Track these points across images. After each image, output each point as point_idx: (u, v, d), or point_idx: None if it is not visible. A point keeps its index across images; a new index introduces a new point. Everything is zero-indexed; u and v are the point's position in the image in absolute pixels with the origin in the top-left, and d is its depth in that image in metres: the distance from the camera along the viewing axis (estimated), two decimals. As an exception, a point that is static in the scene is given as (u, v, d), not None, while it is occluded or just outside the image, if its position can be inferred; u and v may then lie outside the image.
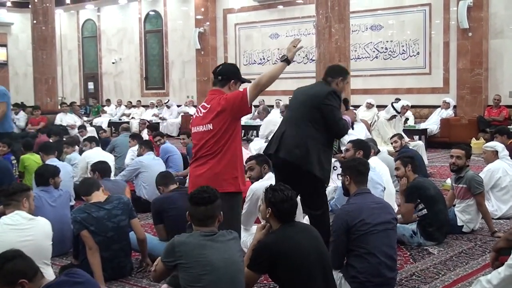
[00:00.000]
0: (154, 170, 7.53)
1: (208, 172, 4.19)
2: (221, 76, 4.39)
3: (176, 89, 20.54)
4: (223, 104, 4.20)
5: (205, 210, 3.39)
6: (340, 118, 4.73)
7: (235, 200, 4.29)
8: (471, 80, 13.70)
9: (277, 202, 3.67)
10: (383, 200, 4.59)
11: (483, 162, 7.36)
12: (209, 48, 18.97)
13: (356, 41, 15.55)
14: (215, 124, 4.20)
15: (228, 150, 4.21)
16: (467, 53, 13.74)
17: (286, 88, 17.23)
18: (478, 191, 6.04)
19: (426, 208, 5.66)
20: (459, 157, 6.21)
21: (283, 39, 17.56)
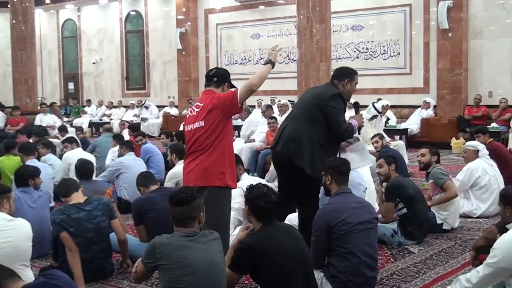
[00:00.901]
0: (135, 170, 7.47)
1: (197, 167, 4.34)
2: (217, 78, 4.61)
3: (157, 90, 20.46)
4: (215, 102, 4.38)
5: (183, 211, 3.38)
6: (342, 121, 4.74)
7: (223, 194, 4.38)
8: (451, 80, 13.81)
9: (252, 199, 3.70)
10: (364, 200, 4.61)
11: (463, 162, 7.41)
12: (190, 48, 18.92)
13: (337, 41, 15.61)
14: (206, 121, 4.38)
15: (218, 147, 4.34)
16: (447, 54, 13.85)
17: (267, 88, 17.23)
18: (442, 181, 6.15)
19: (406, 207, 5.69)
20: (423, 154, 6.41)
21: (265, 39, 17.57)
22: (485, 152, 7.07)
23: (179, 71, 19.21)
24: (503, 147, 8.85)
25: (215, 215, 4.32)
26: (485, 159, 7.04)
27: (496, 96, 13.55)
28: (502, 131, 12.29)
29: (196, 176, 4.35)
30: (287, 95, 16.17)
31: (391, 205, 5.77)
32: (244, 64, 18.12)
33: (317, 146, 4.75)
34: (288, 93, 16.27)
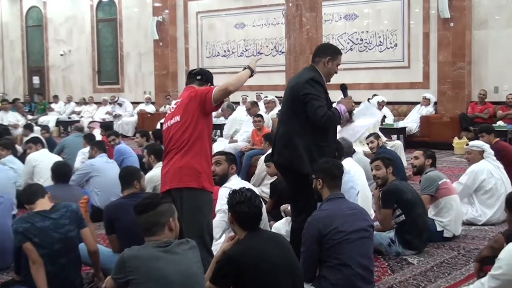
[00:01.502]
0: (107, 174, 7.47)
1: (173, 167, 4.42)
2: (201, 76, 4.71)
3: (132, 84, 20.38)
4: (192, 96, 4.48)
5: (148, 218, 3.40)
6: (318, 107, 4.66)
7: (199, 197, 4.40)
8: (453, 74, 13.88)
9: (235, 204, 3.70)
10: (358, 206, 4.61)
11: (467, 164, 7.44)
12: (168, 38, 18.87)
13: (329, 32, 15.63)
14: (182, 116, 4.47)
15: (194, 145, 4.40)
16: (448, 45, 13.92)
17: (252, 83, 17.20)
18: (423, 192, 6.16)
19: (404, 214, 5.70)
20: (417, 157, 6.46)
21: (250, 29, 17.56)
22: (490, 153, 7.10)
23: (156, 64, 19.14)
24: (511, 147, 8.89)
25: (190, 221, 4.34)
26: (491, 161, 7.08)
27: (502, 91, 13.64)
28: (510, 130, 12.32)
29: (171, 176, 4.43)
30: (274, 90, 16.15)
31: (388, 212, 5.78)
32: (227, 57, 18.10)
33: (311, 142, 4.74)
34: (275, 88, 16.24)
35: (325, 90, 4.85)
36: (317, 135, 4.76)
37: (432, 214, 6.23)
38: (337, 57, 4.95)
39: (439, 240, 6.11)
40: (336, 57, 4.94)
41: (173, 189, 4.42)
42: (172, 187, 4.42)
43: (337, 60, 4.95)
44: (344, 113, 4.84)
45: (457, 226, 6.25)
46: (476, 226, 6.85)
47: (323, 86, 4.81)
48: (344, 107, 4.85)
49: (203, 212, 4.48)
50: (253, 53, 17.50)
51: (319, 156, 4.70)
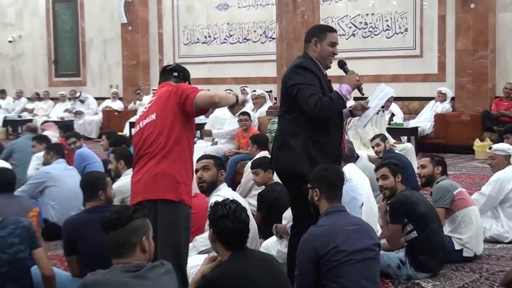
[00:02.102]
0: (66, 183, 7.43)
1: (146, 175, 4.40)
2: (177, 73, 4.73)
3: (96, 77, 20.32)
4: (172, 91, 4.47)
5: (116, 236, 3.33)
6: (308, 96, 4.68)
7: (176, 211, 4.41)
8: (474, 64, 13.94)
9: (217, 219, 3.71)
10: (362, 221, 4.62)
11: (490, 170, 7.45)
12: (138, 22, 18.84)
13: (327, 14, 15.65)
14: (159, 114, 4.46)
15: (172, 150, 4.40)
16: (468, 30, 13.98)
17: (237, 75, 17.30)
18: (436, 205, 6.17)
19: (416, 230, 5.70)
20: (423, 165, 6.49)
21: (234, 11, 17.56)
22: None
23: (124, 53, 19.12)
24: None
25: (165, 240, 4.34)
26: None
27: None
28: (541, 130, 12.40)
29: (144, 186, 4.42)
30: (264, 83, 16.17)
31: (397, 228, 5.78)
32: (208, 43, 18.09)
33: (307, 140, 4.77)
34: (265, 81, 16.26)
35: (319, 76, 4.85)
36: (314, 131, 4.78)
37: (448, 231, 6.22)
38: (324, 36, 4.94)
39: (458, 261, 6.11)
40: (323, 36, 4.94)
41: (145, 201, 4.40)
42: (145, 198, 4.40)
43: (327, 39, 4.94)
44: (348, 94, 4.83)
45: (478, 244, 6.26)
46: (502, 244, 6.85)
47: (314, 73, 4.82)
48: (346, 86, 4.85)
49: (180, 229, 4.47)
50: (239, 39, 17.51)
51: (319, 155, 4.73)
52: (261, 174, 6.90)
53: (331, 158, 4.82)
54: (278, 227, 5.97)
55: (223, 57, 17.65)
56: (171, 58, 18.59)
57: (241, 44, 17.53)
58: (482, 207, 6.81)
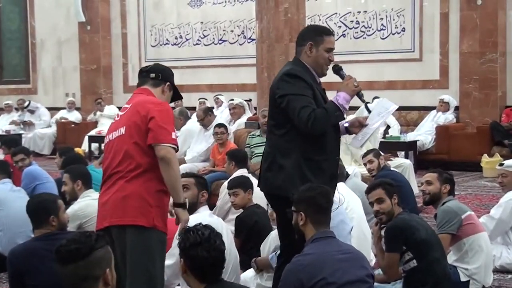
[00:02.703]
0: (13, 207, 7.37)
1: (114, 197, 4.42)
2: (155, 74, 4.82)
3: (49, 84, 20.24)
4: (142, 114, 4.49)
5: (76, 269, 3.28)
6: (301, 108, 4.66)
7: (148, 238, 4.41)
8: (481, 69, 14.01)
9: (188, 247, 3.71)
10: (353, 249, 4.62)
11: (501, 190, 7.47)
12: (98, 21, 18.84)
13: (314, 12, 15.73)
14: (128, 129, 4.49)
15: (146, 171, 4.43)
16: (475, 30, 14.07)
17: (212, 81, 17.30)
18: (442, 230, 6.14)
19: (416, 259, 5.70)
20: (429, 182, 6.39)
21: (209, 9, 17.59)
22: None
23: (82, 56, 19.10)
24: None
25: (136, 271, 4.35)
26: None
27: (548, 92, 13.85)
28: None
29: (111, 209, 4.44)
30: (242, 90, 16.21)
31: (394, 256, 5.76)
32: (179, 45, 18.11)
33: (300, 158, 4.76)
34: (243, 88, 16.30)
35: (312, 85, 4.82)
36: (308, 148, 4.78)
37: (453, 260, 6.21)
38: (322, 40, 4.94)
39: (464, 294, 6.11)
40: (320, 40, 4.94)
41: (113, 226, 4.42)
42: (113, 223, 4.42)
43: (324, 43, 4.94)
44: (346, 103, 4.81)
45: (487, 275, 6.25)
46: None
47: (306, 81, 4.80)
48: (343, 93, 4.83)
49: (154, 257, 4.47)
50: (214, 40, 17.53)
51: (314, 176, 4.73)
52: (240, 195, 6.88)
53: (327, 178, 4.83)
54: (258, 260, 5.94)
55: (196, 60, 17.65)
56: (136, 61, 18.58)
57: (217, 45, 17.55)
58: (492, 232, 6.80)
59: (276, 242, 5.95)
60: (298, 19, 12.04)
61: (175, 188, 4.49)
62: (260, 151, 10.07)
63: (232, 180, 7.28)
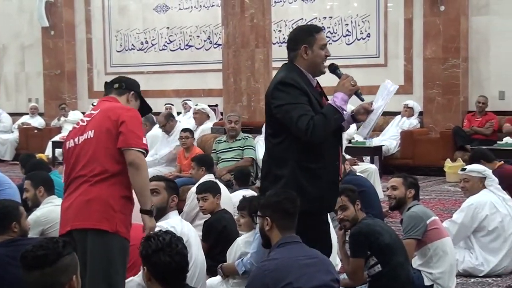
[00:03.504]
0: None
1: (77, 201, 4.40)
2: (119, 84, 4.85)
3: (11, 89, 20.05)
4: (113, 119, 4.51)
5: (42, 276, 3.25)
6: (297, 117, 4.58)
7: (111, 243, 4.39)
8: (444, 75, 14.12)
9: (151, 254, 3.69)
10: (318, 254, 4.60)
11: (463, 195, 7.51)
12: (62, 26, 18.72)
13: (280, 17, 15.78)
14: (97, 132, 4.49)
15: (112, 176, 4.43)
16: (438, 36, 14.18)
17: (179, 86, 17.27)
18: (407, 235, 6.16)
19: (380, 263, 5.72)
20: (395, 187, 6.41)
21: (175, 14, 17.56)
22: (494, 180, 7.19)
23: (46, 61, 18.95)
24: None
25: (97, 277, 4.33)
26: (495, 191, 7.17)
27: (510, 97, 13.99)
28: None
29: (74, 213, 4.41)
30: (208, 95, 16.19)
31: (359, 261, 5.78)
32: (145, 50, 18.05)
33: (295, 166, 4.71)
34: (210, 93, 16.29)
35: (307, 92, 4.74)
36: (304, 156, 4.71)
37: (418, 264, 6.23)
38: (314, 39, 4.86)
39: (427, 299, 6.14)
40: (312, 39, 4.85)
41: (75, 230, 4.38)
42: (75, 227, 4.39)
43: (318, 41, 4.86)
44: (344, 104, 4.74)
45: (451, 279, 6.26)
46: (476, 278, 6.92)
47: (300, 89, 4.71)
48: (341, 94, 4.76)
49: (115, 264, 4.45)
50: (180, 45, 17.51)
51: (312, 185, 4.68)
52: (209, 200, 6.85)
53: (325, 186, 4.75)
54: (224, 267, 5.92)
55: (162, 66, 17.61)
56: (101, 67, 18.51)
57: (183, 51, 17.53)
58: (454, 236, 6.83)
59: (242, 248, 5.95)
60: (264, 25, 12.06)
61: (143, 194, 4.48)
62: (226, 156, 10.09)
63: (201, 184, 7.26)
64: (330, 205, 4.95)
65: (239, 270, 5.63)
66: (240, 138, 10.29)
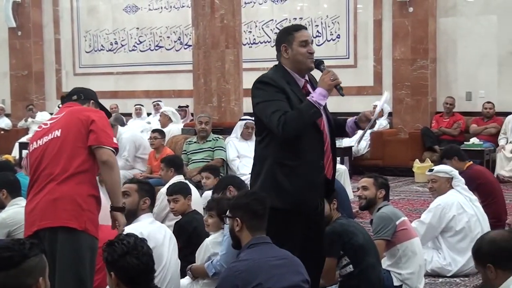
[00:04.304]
0: None
1: (44, 200, 4.37)
2: (77, 95, 4.85)
3: (-23, 90, 19.90)
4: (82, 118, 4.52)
5: (6, 278, 3.23)
6: (270, 115, 4.64)
7: (79, 242, 4.38)
8: (413, 76, 14.21)
9: (117, 259, 3.67)
10: (289, 254, 4.60)
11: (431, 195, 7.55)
12: (30, 26, 18.61)
13: (250, 18, 15.81)
14: (64, 131, 4.48)
15: (79, 173, 4.42)
16: (406, 37, 14.26)
17: (149, 87, 17.21)
18: (377, 236, 6.19)
19: (352, 263, 5.74)
20: (365, 187, 6.44)
21: (145, 14, 17.51)
22: (460, 181, 7.24)
23: (13, 62, 18.85)
24: (489, 173, 9.14)
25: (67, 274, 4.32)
26: (462, 191, 7.22)
27: (477, 98, 14.08)
28: (487, 150, 12.69)
29: (41, 212, 4.38)
30: (178, 96, 16.16)
31: (332, 261, 5.78)
32: (115, 51, 17.97)
33: (273, 164, 4.74)
34: (180, 94, 16.26)
35: (284, 89, 4.77)
36: (280, 153, 4.74)
37: (387, 264, 6.26)
38: (292, 38, 4.90)
39: (396, 299, 6.17)
40: (291, 37, 4.91)
41: (42, 230, 4.37)
42: (43, 226, 4.37)
43: (296, 39, 4.90)
44: (322, 99, 4.78)
45: (419, 279, 6.30)
46: (444, 278, 6.97)
47: (276, 86, 4.75)
48: (320, 89, 4.81)
49: (84, 262, 4.44)
50: (150, 46, 17.46)
51: (288, 182, 4.70)
52: (180, 201, 6.82)
53: (304, 185, 4.74)
54: (193, 269, 5.88)
55: (132, 66, 17.55)
56: (70, 67, 18.42)
57: (153, 51, 17.48)
58: (423, 237, 6.86)
59: (211, 250, 5.94)
60: (234, 26, 12.08)
61: (114, 191, 4.51)
62: (197, 157, 10.08)
63: (172, 186, 7.22)
64: (309, 205, 4.81)
65: (209, 272, 5.62)
66: (211, 139, 10.29)
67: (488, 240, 3.87)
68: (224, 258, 5.64)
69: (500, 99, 13.72)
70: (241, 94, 12.04)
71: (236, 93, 11.93)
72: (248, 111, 13.17)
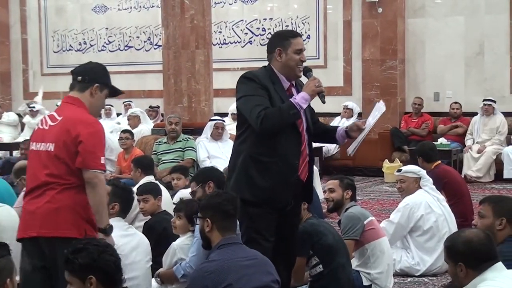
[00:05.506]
0: None
1: (45, 207, 4.37)
2: (82, 76, 4.66)
3: None
4: (76, 137, 4.42)
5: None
6: (251, 109, 4.76)
7: None
8: (382, 76, 14.30)
9: (96, 259, 3.61)
10: (259, 254, 4.63)
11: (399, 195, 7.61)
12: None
13: (220, 19, 15.80)
14: (57, 147, 4.44)
15: (77, 185, 4.43)
16: (376, 37, 14.35)
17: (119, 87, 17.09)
18: (346, 236, 6.21)
19: (322, 263, 5.76)
20: (332, 189, 6.47)
21: (114, 14, 17.44)
22: (428, 180, 7.29)
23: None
24: (455, 173, 9.22)
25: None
26: (430, 190, 7.27)
27: (444, 99, 14.20)
28: (454, 150, 12.80)
29: (41, 220, 4.39)
30: (148, 97, 16.14)
31: (302, 261, 5.79)
32: (84, 51, 17.88)
33: (248, 159, 4.83)
34: (150, 94, 16.23)
35: (267, 87, 4.88)
36: (255, 148, 4.84)
37: (356, 264, 6.29)
38: (289, 43, 5.02)
39: (366, 299, 6.21)
40: (287, 43, 5.02)
41: (43, 238, 4.39)
42: (42, 234, 4.38)
43: (292, 46, 5.02)
44: (304, 102, 4.87)
45: (388, 279, 6.34)
46: (413, 277, 7.02)
47: (258, 83, 4.87)
48: (303, 93, 4.90)
49: None
50: (119, 46, 17.40)
51: (261, 178, 4.79)
52: (150, 202, 6.79)
53: (277, 182, 4.83)
54: (161, 274, 5.83)
55: (108, 67, 17.40)
56: (38, 68, 18.30)
57: (122, 52, 17.43)
58: (391, 236, 6.92)
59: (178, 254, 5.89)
60: (204, 26, 12.07)
61: (99, 212, 4.47)
62: (167, 158, 10.08)
63: (142, 186, 7.21)
64: (279, 202, 4.93)
65: (177, 274, 5.58)
66: (181, 140, 10.29)
67: (464, 240, 3.85)
68: (194, 260, 5.61)
69: (467, 100, 13.84)
70: (211, 94, 12.04)
71: (206, 94, 11.92)
72: (219, 111, 13.33)
